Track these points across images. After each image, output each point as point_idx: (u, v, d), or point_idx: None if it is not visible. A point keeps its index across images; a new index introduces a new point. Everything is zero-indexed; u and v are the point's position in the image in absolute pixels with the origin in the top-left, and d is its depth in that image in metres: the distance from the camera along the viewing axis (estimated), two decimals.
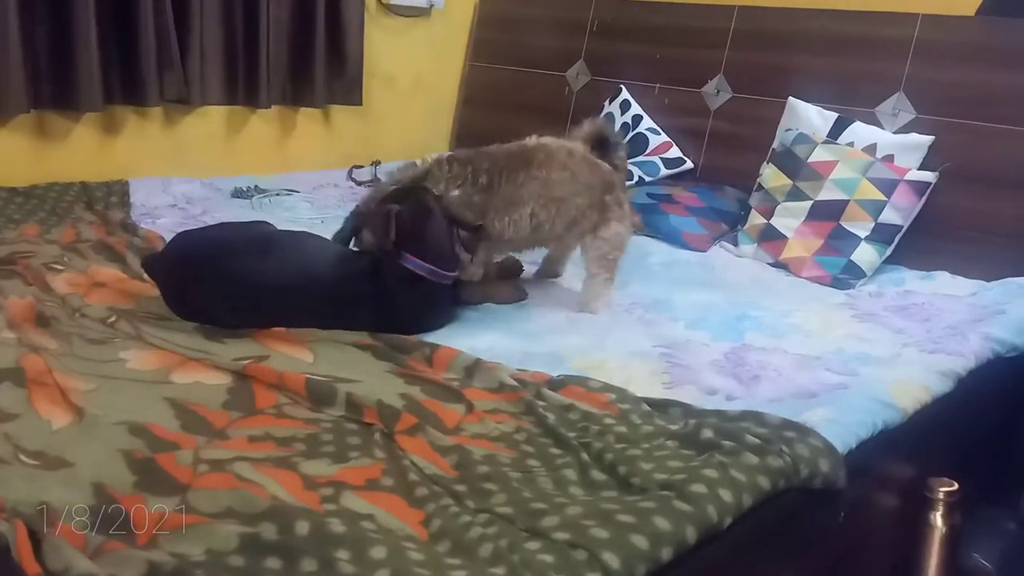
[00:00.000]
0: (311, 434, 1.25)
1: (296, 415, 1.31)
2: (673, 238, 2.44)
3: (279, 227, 1.89)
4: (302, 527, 1.00)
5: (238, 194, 2.56)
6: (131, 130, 2.63)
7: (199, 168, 2.73)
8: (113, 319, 1.59)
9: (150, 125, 2.66)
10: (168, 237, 2.05)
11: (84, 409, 1.25)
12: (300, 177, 2.83)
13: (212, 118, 2.79)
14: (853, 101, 2.44)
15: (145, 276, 1.77)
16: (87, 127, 2.53)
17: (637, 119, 2.82)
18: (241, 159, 2.87)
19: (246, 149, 2.89)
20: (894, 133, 2.36)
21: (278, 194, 2.59)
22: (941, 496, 1.57)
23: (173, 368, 1.42)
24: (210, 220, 2.30)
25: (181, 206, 2.42)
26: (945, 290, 2.10)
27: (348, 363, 1.50)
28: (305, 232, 1.85)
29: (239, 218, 2.30)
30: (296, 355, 1.52)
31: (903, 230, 2.22)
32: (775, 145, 2.48)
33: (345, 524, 1.02)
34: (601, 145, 1.99)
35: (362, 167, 3.01)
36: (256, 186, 2.61)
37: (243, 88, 2.74)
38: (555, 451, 1.27)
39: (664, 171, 2.73)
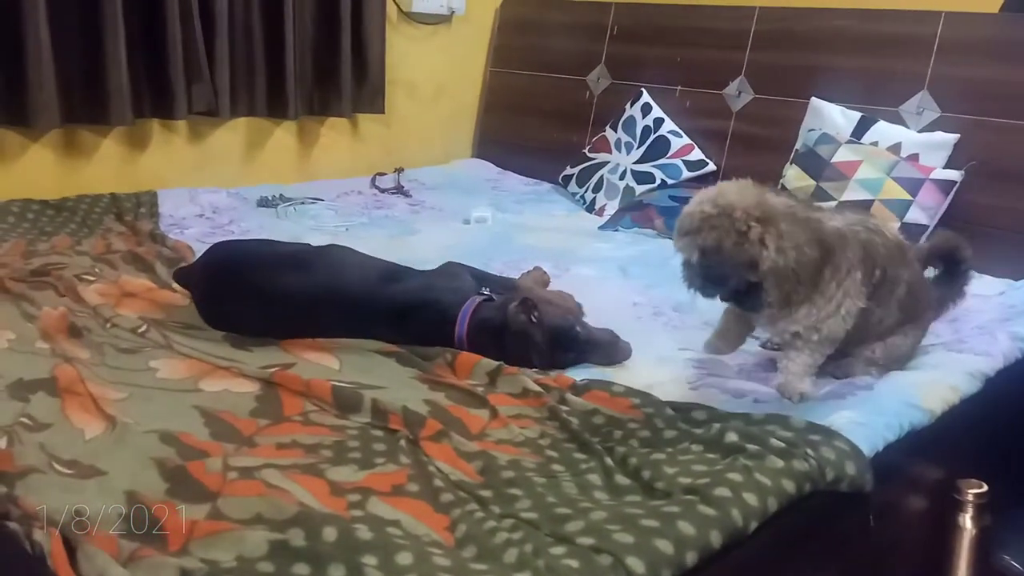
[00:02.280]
0: (338, 441, 1.27)
1: (323, 422, 1.33)
2: None
3: (305, 236, 1.92)
4: (330, 533, 1.01)
5: (263, 203, 2.59)
6: (159, 142, 2.67)
7: (225, 178, 2.77)
8: (143, 329, 1.62)
9: (178, 136, 2.71)
10: (196, 247, 2.09)
11: (116, 418, 1.28)
12: (324, 185, 2.86)
13: (238, 129, 2.83)
14: (876, 100, 2.42)
15: (175, 286, 1.80)
16: (116, 139, 2.58)
17: (659, 122, 2.82)
18: (266, 168, 2.91)
19: (271, 159, 2.93)
20: (919, 132, 2.34)
21: (303, 202, 2.62)
22: (970, 498, 1.55)
23: (202, 377, 1.45)
24: (236, 229, 2.34)
25: (208, 216, 2.46)
26: (974, 289, 2.06)
27: (373, 370, 1.51)
28: (347, 248, 1.82)
29: (265, 227, 2.34)
30: (322, 362, 1.54)
31: (930, 229, 2.20)
32: (798, 146, 2.46)
33: (372, 530, 1.03)
34: (947, 262, 1.73)
35: (385, 174, 3.03)
36: (281, 195, 2.64)
37: (271, 99, 2.77)
38: (579, 456, 1.28)
39: (686, 173, 2.72)
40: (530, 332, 1.54)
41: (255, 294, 1.64)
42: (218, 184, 2.70)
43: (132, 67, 2.43)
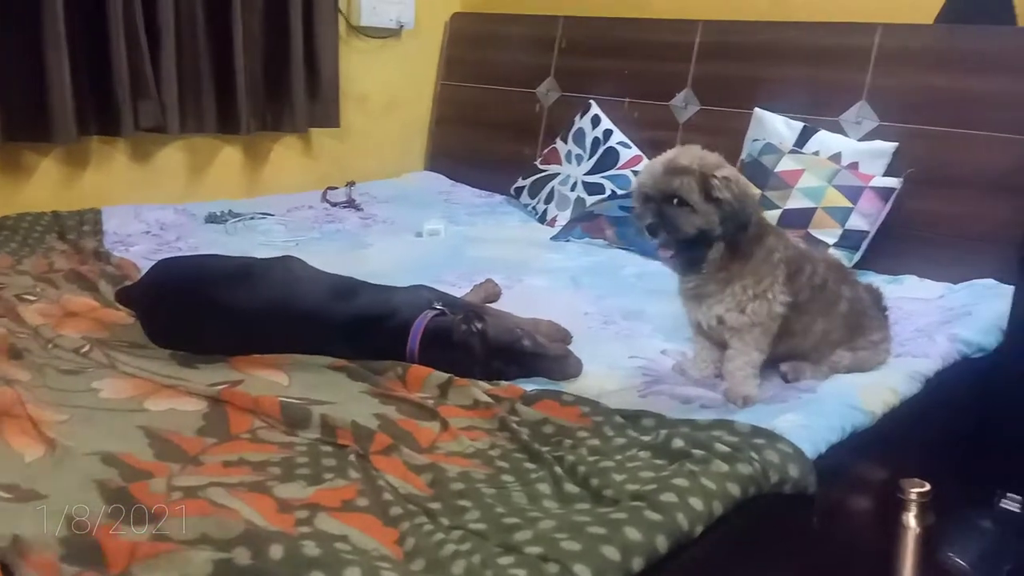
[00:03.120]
0: (286, 457, 1.26)
1: (271, 439, 1.31)
2: (646, 250, 2.45)
3: (254, 251, 1.90)
4: (276, 551, 1.00)
5: (212, 219, 2.56)
6: (104, 159, 2.63)
7: (173, 195, 2.74)
8: (86, 349, 1.59)
9: (123, 154, 2.67)
10: (142, 264, 2.06)
11: (57, 441, 1.25)
12: (274, 200, 2.84)
13: (187, 145, 2.80)
14: (818, 110, 2.48)
15: (119, 305, 1.77)
16: (59, 157, 2.54)
17: (608, 134, 2.85)
18: (215, 184, 2.88)
19: (220, 174, 2.90)
20: (858, 141, 2.40)
21: (252, 218, 2.60)
22: (913, 497, 1.59)
23: (147, 396, 1.43)
24: (184, 246, 2.31)
25: (155, 232, 2.42)
26: (913, 293, 2.13)
27: (323, 385, 1.50)
28: (295, 259, 1.80)
29: (214, 243, 2.32)
30: (271, 378, 1.52)
31: (870, 236, 2.26)
32: (743, 156, 2.51)
33: (319, 546, 1.02)
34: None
35: (336, 188, 3.02)
36: (230, 211, 2.62)
37: (221, 115, 2.75)
38: (529, 466, 1.29)
39: None
40: (470, 342, 1.55)
41: (202, 311, 1.62)
42: (165, 201, 2.67)
43: (76, 84, 2.39)
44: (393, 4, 3.19)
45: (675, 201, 1.44)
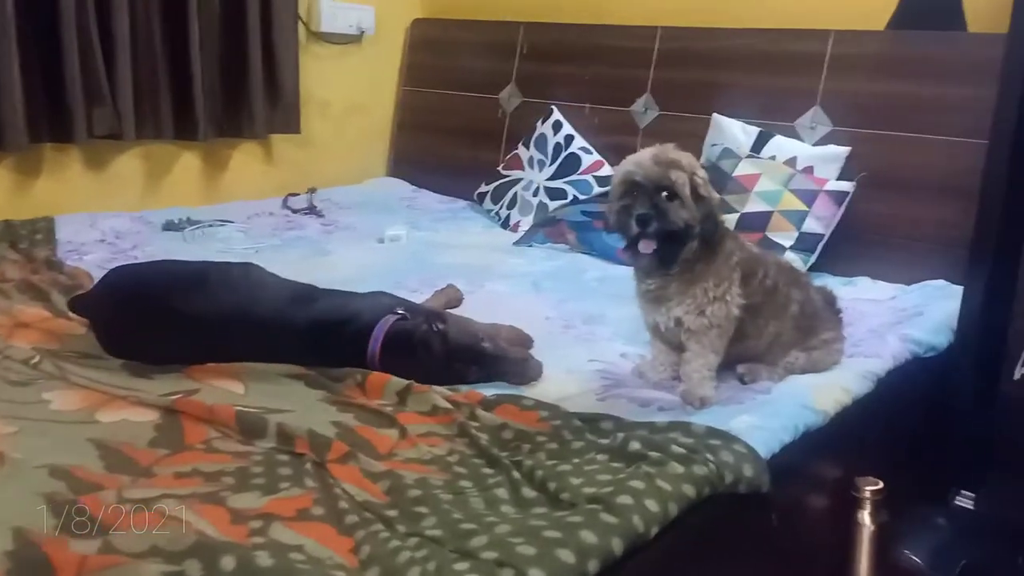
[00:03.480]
0: (241, 467, 1.24)
1: (226, 449, 1.30)
2: (607, 254, 2.48)
3: (214, 259, 1.88)
4: (228, 562, 0.99)
5: (170, 227, 2.53)
6: (57, 167, 2.59)
7: (129, 203, 2.70)
8: (36, 360, 1.56)
9: (77, 162, 2.63)
10: (96, 273, 2.02)
11: (5, 453, 1.22)
12: (234, 207, 2.82)
13: (143, 152, 2.76)
14: (773, 115, 2.52)
15: (71, 315, 1.74)
16: (11, 166, 2.49)
17: (569, 139, 2.86)
18: (174, 191, 2.84)
19: (178, 181, 2.87)
20: (813, 145, 2.44)
21: (211, 225, 2.57)
22: (868, 495, 1.62)
23: (98, 407, 1.40)
24: (140, 254, 2.28)
25: (110, 241, 2.38)
26: (866, 295, 2.17)
27: (280, 393, 1.49)
28: (254, 266, 1.77)
29: (171, 251, 2.29)
30: (227, 387, 1.51)
31: (825, 238, 2.29)
32: (702, 160, 2.54)
33: (273, 556, 1.02)
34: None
35: (298, 195, 3.00)
36: (188, 218, 2.59)
37: (178, 122, 2.71)
38: (487, 471, 1.29)
39: (597, 189, 2.76)
40: (431, 342, 1.55)
41: (158, 319, 1.59)
42: (121, 209, 2.63)
43: (28, 90, 2.35)
44: (353, 10, 3.18)
45: (665, 194, 1.45)
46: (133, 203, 2.71)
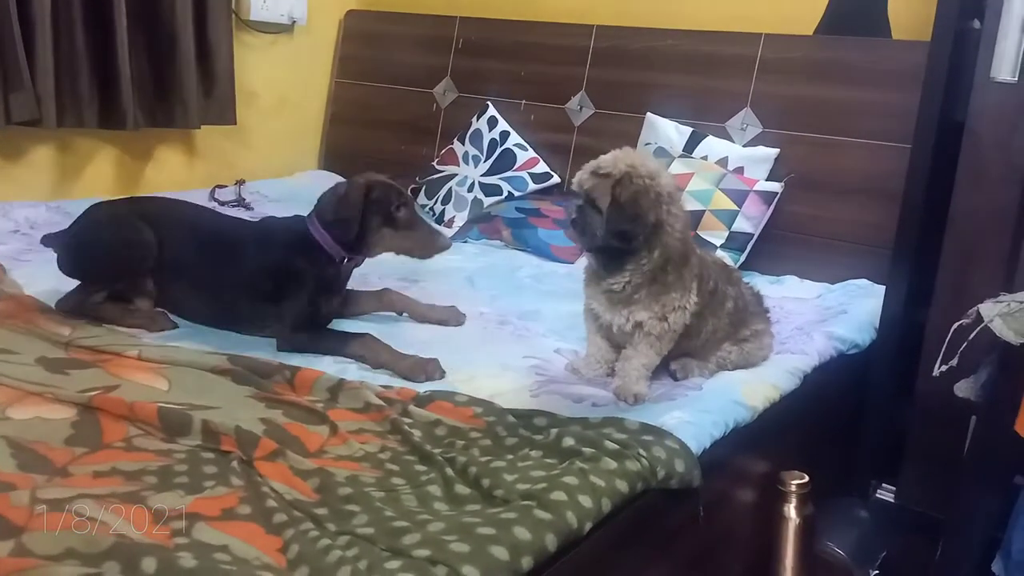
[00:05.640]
0: (163, 466, 1.20)
1: (147, 447, 1.25)
2: (542, 251, 2.49)
3: None
4: (149, 564, 0.95)
5: None
6: None
7: (45, 192, 2.58)
8: None
9: None
10: (9, 265, 1.94)
11: None
12: None
13: (64, 139, 2.64)
14: (705, 116, 2.56)
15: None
16: None
17: (504, 135, 2.86)
18: (94, 181, 2.73)
19: (100, 171, 2.76)
20: (743, 146, 2.49)
21: None
22: (793, 488, 1.65)
23: (10, 404, 1.33)
24: None
25: (24, 232, 2.28)
26: (793, 293, 2.22)
27: (205, 389, 1.45)
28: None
29: None
30: (149, 383, 1.45)
31: (754, 238, 2.34)
32: None
33: (196, 557, 0.98)
34: None
35: (225, 187, 2.92)
36: None
37: (104, 109, 2.60)
38: (420, 468, 1.27)
39: (532, 186, 2.77)
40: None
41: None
42: (38, 198, 2.52)
43: None
44: None
45: (582, 202, 1.47)
46: (50, 192, 2.59)
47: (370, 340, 1.64)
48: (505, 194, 2.75)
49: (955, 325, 1.55)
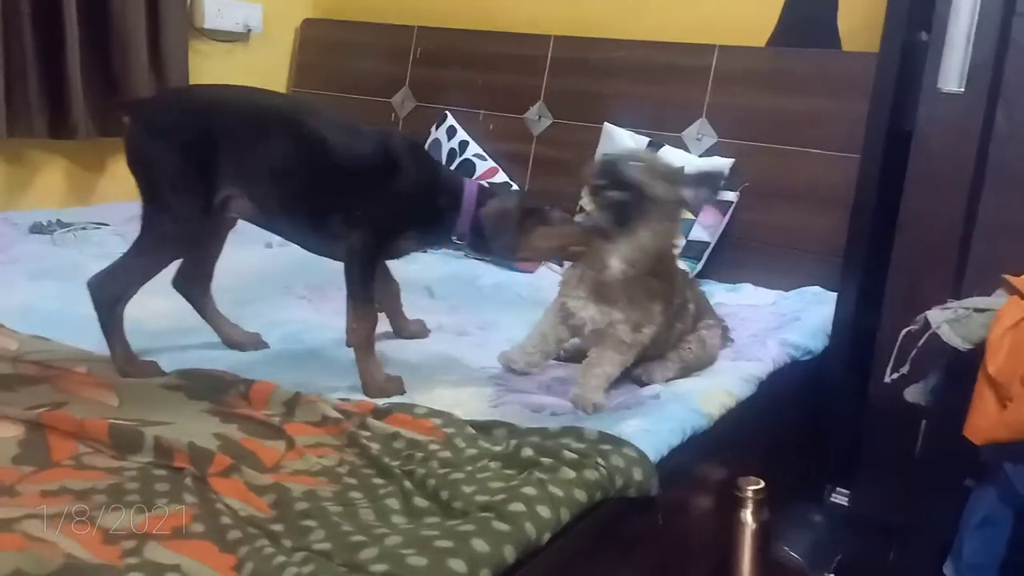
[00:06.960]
0: (113, 484, 1.17)
1: (97, 465, 1.22)
2: (502, 261, 2.48)
3: (88, 264, 1.78)
4: None
5: (37, 229, 2.38)
6: None
7: None
8: None
9: None
10: None
11: None
12: (110, 209, 2.66)
13: (11, 149, 2.58)
14: (662, 126, 2.58)
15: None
16: None
17: (464, 145, 2.86)
18: (43, 192, 2.67)
19: (49, 181, 2.70)
20: (699, 156, 2.52)
21: (84, 228, 2.43)
22: (749, 494, 1.67)
23: None
24: (4, 258, 2.13)
25: None
26: (749, 300, 2.25)
27: (158, 405, 1.42)
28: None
29: (39, 254, 2.16)
30: (99, 399, 1.42)
31: (711, 246, 2.37)
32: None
33: None
34: None
35: None
36: (59, 220, 2.44)
37: (54, 119, 2.55)
38: (378, 481, 1.26)
39: None
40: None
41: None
42: None
43: None
44: (240, 7, 3.08)
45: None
46: None
47: (371, 336, 1.61)
48: None
49: (904, 331, 1.58)
